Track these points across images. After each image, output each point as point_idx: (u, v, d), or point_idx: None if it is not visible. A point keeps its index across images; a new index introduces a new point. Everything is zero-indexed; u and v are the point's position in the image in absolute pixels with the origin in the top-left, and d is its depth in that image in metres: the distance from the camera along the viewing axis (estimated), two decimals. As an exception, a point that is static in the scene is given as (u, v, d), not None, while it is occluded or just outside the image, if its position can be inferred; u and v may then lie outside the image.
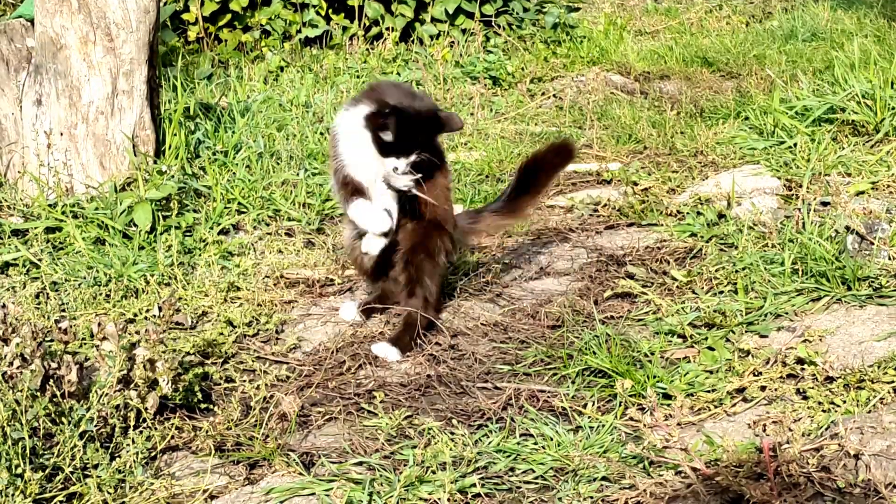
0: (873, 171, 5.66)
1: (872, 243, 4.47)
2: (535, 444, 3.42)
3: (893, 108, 6.26)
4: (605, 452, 3.35)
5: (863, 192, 5.37)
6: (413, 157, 4.07)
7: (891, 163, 5.69)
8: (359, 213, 4.15)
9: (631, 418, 3.48)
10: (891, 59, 7.02)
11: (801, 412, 3.43)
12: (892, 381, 3.46)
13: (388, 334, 4.28)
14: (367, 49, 9.58)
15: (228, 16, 9.59)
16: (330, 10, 9.94)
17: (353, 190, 4.15)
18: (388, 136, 4.00)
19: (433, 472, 3.24)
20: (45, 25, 5.40)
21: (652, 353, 3.93)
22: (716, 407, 3.59)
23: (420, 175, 4.12)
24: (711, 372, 3.79)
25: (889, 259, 4.39)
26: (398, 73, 8.64)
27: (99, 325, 3.67)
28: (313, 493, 3.20)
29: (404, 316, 4.29)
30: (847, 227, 4.61)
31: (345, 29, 9.84)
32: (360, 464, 3.36)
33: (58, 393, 3.44)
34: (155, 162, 5.55)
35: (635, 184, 5.92)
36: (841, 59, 7.50)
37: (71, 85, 5.43)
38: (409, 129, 4.02)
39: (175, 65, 7.42)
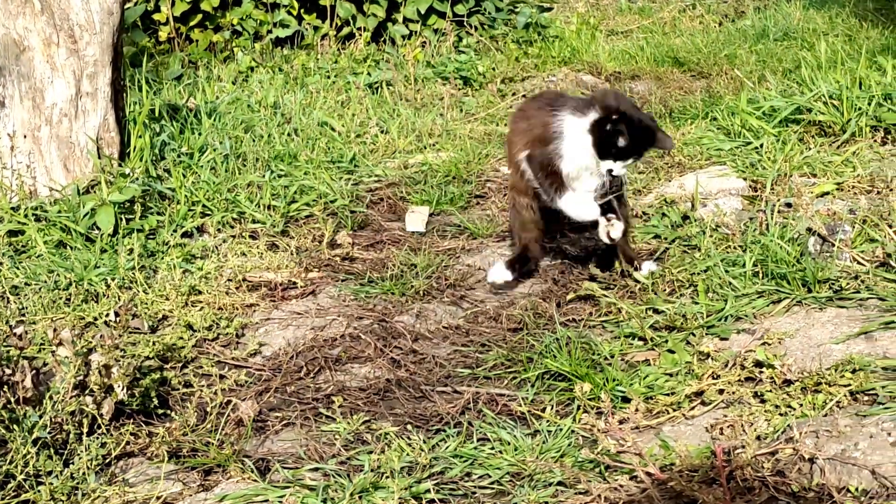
0: (838, 171, 5.66)
1: (834, 245, 4.47)
2: (493, 448, 3.41)
3: (860, 109, 6.28)
4: (562, 457, 3.34)
5: (827, 193, 5.38)
6: (630, 161, 4.48)
7: (856, 163, 5.70)
8: (571, 205, 4.56)
9: (588, 422, 3.47)
10: (859, 58, 7.04)
11: (757, 416, 3.42)
12: (849, 385, 3.46)
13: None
14: (339, 49, 9.57)
15: (199, 16, 9.57)
16: (301, 10, 9.93)
17: (560, 184, 4.54)
18: (620, 142, 4.37)
19: (388, 478, 3.23)
20: (8, 27, 5.37)
21: (612, 356, 3.93)
22: (674, 410, 3.59)
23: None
24: (671, 375, 3.79)
25: (850, 261, 4.40)
26: (369, 74, 8.62)
27: (54, 330, 3.65)
28: (267, 500, 3.18)
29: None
30: (809, 229, 4.62)
31: (316, 29, 9.84)
32: (316, 470, 3.34)
33: (12, 399, 3.41)
34: (119, 164, 5.53)
35: (602, 185, 5.91)
36: (809, 59, 7.51)
37: (34, 87, 5.40)
38: (635, 137, 4.38)
39: (143, 66, 7.39)
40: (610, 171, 4.41)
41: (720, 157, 6.24)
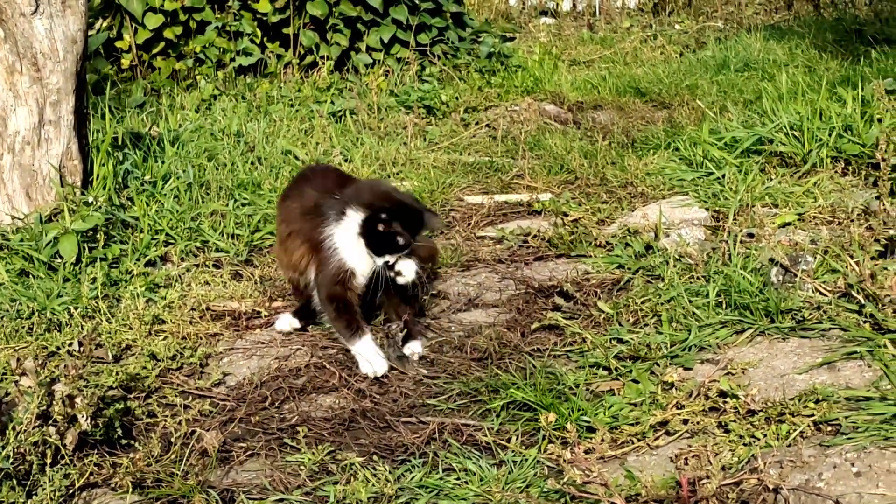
0: (800, 202, 5.71)
1: (796, 275, 4.50)
2: (458, 479, 3.41)
3: (821, 140, 6.33)
4: (528, 487, 3.34)
5: (789, 224, 5.41)
6: (403, 253, 4.27)
7: (817, 194, 5.74)
8: (362, 352, 4.27)
9: (553, 452, 3.47)
10: (819, 89, 7.10)
11: (722, 446, 3.44)
12: (812, 415, 3.48)
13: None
14: (302, 77, 9.57)
15: (162, 44, 9.55)
16: (265, 39, 9.93)
17: (356, 325, 4.30)
18: (399, 241, 4.20)
19: (353, 509, 3.23)
20: (-29, 55, 5.35)
21: (577, 386, 3.93)
22: (639, 440, 3.59)
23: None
24: (635, 405, 3.79)
25: (812, 291, 4.42)
26: (332, 102, 8.63)
27: (17, 360, 3.63)
28: (232, 531, 3.17)
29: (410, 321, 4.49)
30: (771, 260, 4.64)
31: (279, 57, 9.84)
32: (281, 501, 3.33)
33: (-26, 430, 3.39)
34: (82, 193, 5.51)
35: (565, 214, 5.94)
36: (770, 90, 7.58)
37: (-4, 115, 5.38)
38: (409, 228, 4.23)
39: (106, 93, 7.37)
40: (387, 263, 4.24)
41: (682, 188, 6.27)
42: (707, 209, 5.78)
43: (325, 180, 4.56)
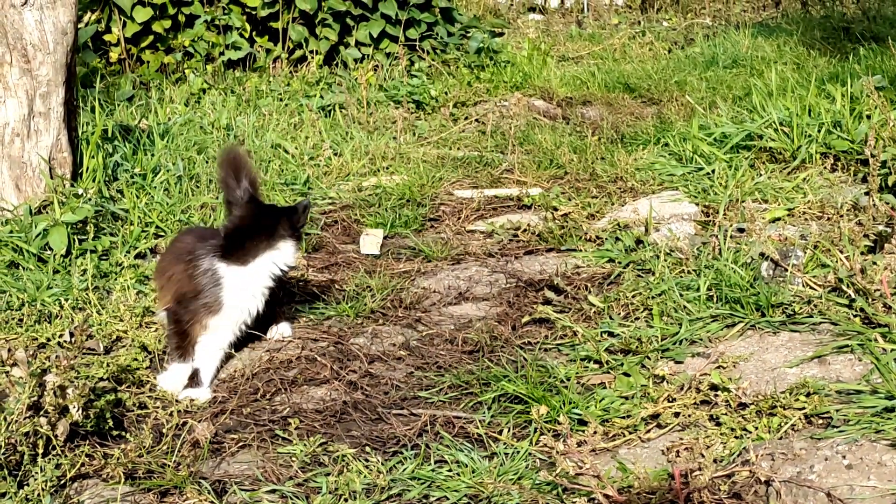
0: (789, 197, 5.72)
1: (787, 270, 4.51)
2: (450, 470, 3.41)
3: (810, 136, 6.34)
4: (520, 479, 3.34)
5: (779, 219, 5.43)
6: None
7: (807, 189, 5.75)
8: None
9: (545, 445, 3.47)
10: (808, 86, 7.12)
11: (713, 438, 3.44)
12: (804, 408, 3.49)
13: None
14: (291, 72, 9.57)
15: (151, 37, 9.54)
16: (254, 33, 9.93)
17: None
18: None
19: (346, 500, 3.22)
20: (-40, 46, 5.33)
21: (568, 379, 3.94)
22: (630, 433, 3.60)
23: None
24: (627, 398, 3.80)
25: (802, 286, 4.43)
26: (321, 96, 8.63)
27: (8, 350, 3.62)
28: (224, 522, 3.17)
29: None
30: (762, 254, 4.65)
31: (268, 51, 9.84)
32: (273, 492, 3.33)
33: (-35, 420, 3.38)
34: (72, 185, 5.49)
35: (555, 209, 5.94)
36: (759, 86, 7.59)
37: (-14, 106, 5.37)
38: None
39: (95, 86, 7.36)
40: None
41: (672, 183, 6.28)
42: (697, 204, 5.79)
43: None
